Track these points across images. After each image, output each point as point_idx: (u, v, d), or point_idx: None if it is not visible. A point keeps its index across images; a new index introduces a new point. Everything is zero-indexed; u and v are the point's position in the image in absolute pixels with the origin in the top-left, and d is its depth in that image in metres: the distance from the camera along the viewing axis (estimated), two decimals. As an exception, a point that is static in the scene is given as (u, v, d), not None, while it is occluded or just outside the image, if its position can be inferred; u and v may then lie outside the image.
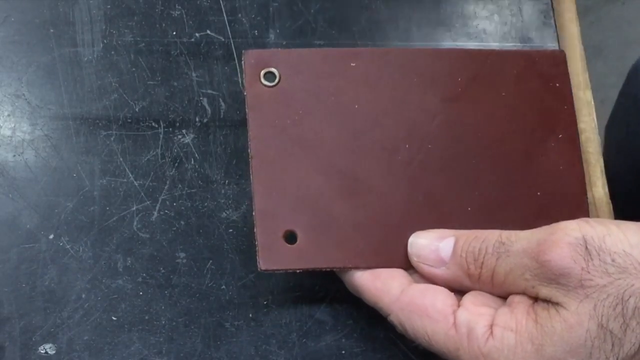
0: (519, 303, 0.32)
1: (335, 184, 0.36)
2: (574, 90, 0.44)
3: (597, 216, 0.41)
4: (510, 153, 0.38)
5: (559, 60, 0.40)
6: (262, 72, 0.37)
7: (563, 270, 0.30)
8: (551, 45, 0.45)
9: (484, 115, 0.38)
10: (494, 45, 0.45)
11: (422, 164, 0.37)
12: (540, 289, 0.31)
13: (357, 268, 0.35)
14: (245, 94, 0.37)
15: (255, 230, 0.35)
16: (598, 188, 0.42)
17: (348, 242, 0.36)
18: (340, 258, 0.35)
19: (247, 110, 0.37)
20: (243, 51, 0.38)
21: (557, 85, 0.39)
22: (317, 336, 0.37)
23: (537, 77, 0.39)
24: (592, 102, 0.44)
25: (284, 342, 0.37)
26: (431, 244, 0.35)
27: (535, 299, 0.32)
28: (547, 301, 0.31)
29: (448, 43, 0.45)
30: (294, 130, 0.37)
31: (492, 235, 0.33)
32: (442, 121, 0.38)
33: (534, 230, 0.32)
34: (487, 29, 0.46)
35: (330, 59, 0.38)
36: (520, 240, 0.32)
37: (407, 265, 0.36)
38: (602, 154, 0.43)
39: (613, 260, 0.30)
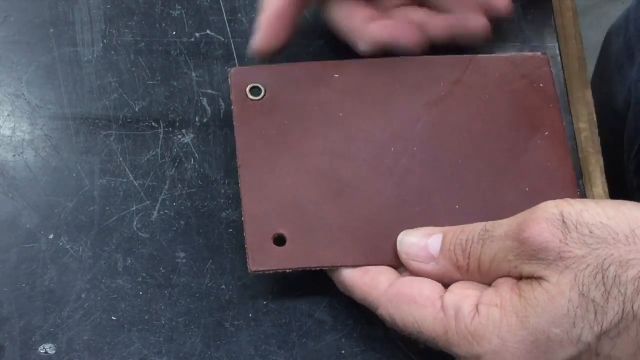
0: (504, 283, 0.33)
1: (322, 187, 0.37)
2: (573, 90, 0.44)
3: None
4: (496, 151, 0.38)
5: (542, 63, 0.40)
6: (249, 88, 0.39)
7: (542, 245, 0.31)
8: (551, 45, 0.45)
9: (468, 116, 0.39)
10: (493, 45, 0.45)
11: (408, 165, 0.38)
12: (523, 268, 0.32)
13: (346, 266, 0.36)
14: (232, 108, 0.38)
15: (244, 234, 0.36)
16: (598, 188, 0.42)
17: (337, 243, 0.36)
18: (329, 257, 0.36)
19: (234, 123, 0.38)
20: (229, 69, 0.39)
21: (542, 85, 0.40)
22: (317, 336, 0.37)
23: (521, 79, 0.40)
24: (592, 102, 0.44)
25: (284, 342, 0.37)
26: (420, 241, 0.35)
27: (520, 278, 0.32)
28: (531, 277, 0.32)
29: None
30: (281, 139, 0.38)
31: (478, 227, 0.34)
32: (426, 124, 0.39)
33: (516, 215, 0.33)
34: (487, 29, 0.45)
35: (314, 72, 0.39)
36: (503, 225, 0.33)
37: (396, 263, 0.36)
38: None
39: (591, 232, 0.30)
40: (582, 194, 0.42)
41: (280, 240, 0.36)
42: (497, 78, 0.40)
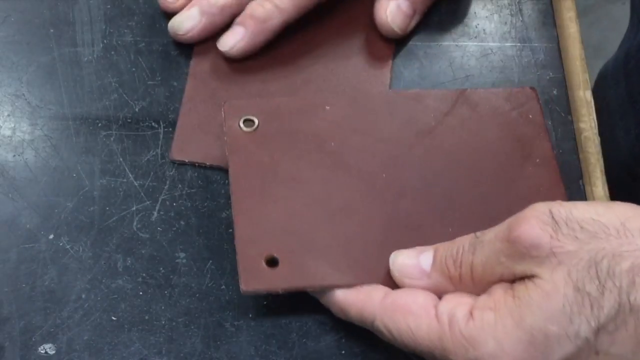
0: (498, 287, 0.33)
1: (314, 212, 0.37)
2: (573, 90, 0.44)
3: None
4: (488, 179, 0.39)
5: (530, 97, 0.41)
6: (242, 120, 0.39)
7: (533, 242, 0.31)
8: (551, 45, 0.45)
9: (459, 145, 0.40)
10: (493, 45, 0.45)
11: (400, 190, 0.38)
12: (515, 268, 0.32)
13: (340, 286, 0.36)
14: (225, 139, 0.39)
15: (237, 256, 0.36)
16: (598, 188, 0.42)
17: (329, 264, 0.36)
18: (321, 277, 0.36)
19: (227, 153, 0.39)
20: (223, 103, 0.40)
21: (530, 116, 0.41)
22: (317, 336, 0.37)
23: (510, 111, 0.41)
24: (592, 102, 0.44)
25: (284, 342, 0.37)
26: (412, 259, 0.35)
27: (513, 280, 0.32)
28: (524, 277, 0.32)
29: (448, 43, 0.45)
30: (273, 167, 0.38)
31: (467, 237, 0.34)
32: (417, 152, 0.39)
33: (505, 221, 0.33)
34: (487, 29, 0.46)
35: (305, 104, 0.40)
36: (492, 229, 0.33)
37: (389, 284, 0.36)
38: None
39: (581, 227, 0.30)
40: (582, 194, 0.42)
41: (272, 262, 0.36)
42: (486, 110, 0.41)
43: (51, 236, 0.39)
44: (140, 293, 0.38)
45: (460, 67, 0.44)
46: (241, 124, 0.39)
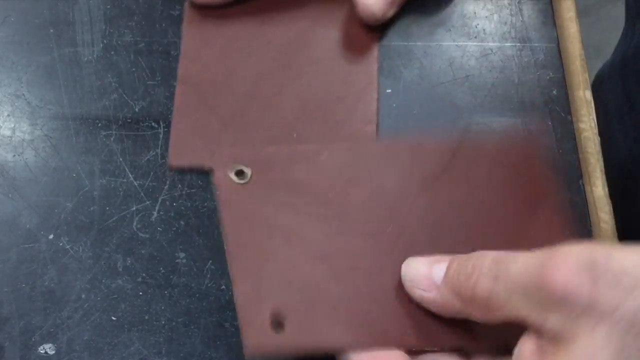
0: (527, 356, 0.30)
1: (319, 269, 0.36)
2: (573, 90, 0.44)
3: (597, 216, 0.41)
4: (498, 227, 0.37)
5: (530, 148, 0.39)
6: (233, 171, 0.38)
7: (569, 290, 0.28)
8: (551, 45, 0.45)
9: (465, 194, 0.38)
10: (493, 45, 0.45)
11: (408, 243, 0.36)
12: (546, 317, 0.29)
13: (351, 348, 0.34)
14: (217, 192, 0.38)
15: (239, 320, 0.35)
16: (598, 188, 0.42)
17: (339, 324, 0.34)
18: (331, 340, 0.34)
19: (219, 208, 0.37)
20: (211, 154, 0.38)
21: (534, 162, 0.39)
22: (317, 336, 0.37)
23: (514, 157, 0.39)
24: (592, 102, 0.44)
25: (284, 342, 0.37)
26: (424, 268, 0.34)
27: (541, 327, 0.29)
28: (556, 336, 0.29)
29: (448, 43, 0.45)
30: (271, 223, 0.37)
31: (485, 256, 0.31)
32: (423, 202, 0.37)
33: (533, 253, 0.30)
34: (486, 28, 0.46)
35: (299, 155, 0.38)
36: (519, 263, 0.30)
37: (403, 342, 0.34)
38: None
39: (623, 277, 0.28)
40: (582, 194, 0.42)
41: (277, 325, 0.35)
42: (489, 159, 0.38)
43: (51, 236, 0.39)
44: (140, 293, 0.38)
45: (460, 67, 0.44)
46: (233, 176, 0.37)
